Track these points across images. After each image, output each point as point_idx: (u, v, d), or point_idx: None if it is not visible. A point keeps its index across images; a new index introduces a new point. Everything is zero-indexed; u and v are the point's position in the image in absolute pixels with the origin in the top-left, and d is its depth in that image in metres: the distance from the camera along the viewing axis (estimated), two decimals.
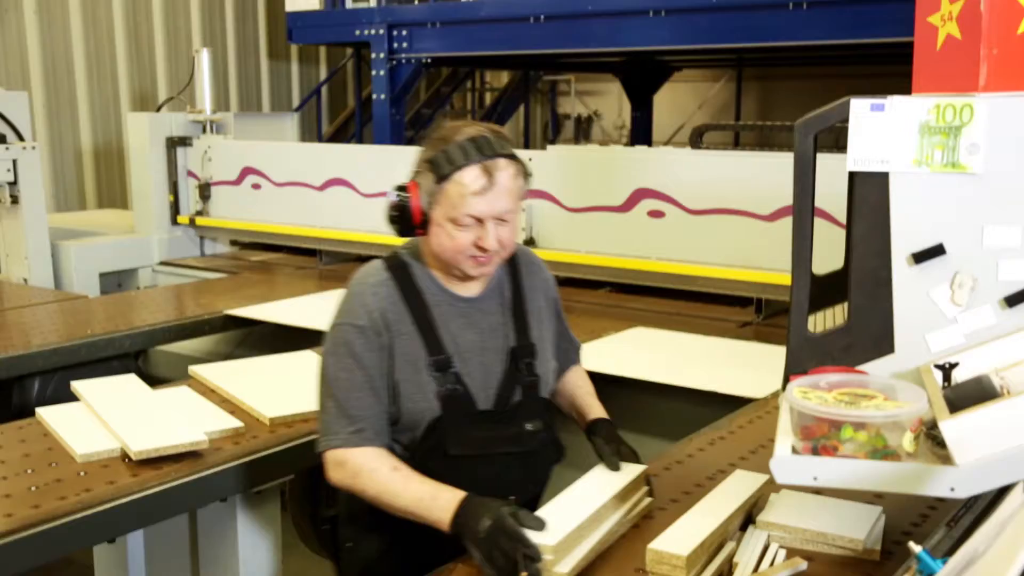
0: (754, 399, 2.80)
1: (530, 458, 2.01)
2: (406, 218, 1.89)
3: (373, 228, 4.81)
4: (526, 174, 1.90)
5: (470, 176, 1.81)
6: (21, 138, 5.17)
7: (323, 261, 5.36)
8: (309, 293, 4.50)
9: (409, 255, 1.99)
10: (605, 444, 2.01)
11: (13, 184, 5.03)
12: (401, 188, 1.90)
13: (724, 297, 4.05)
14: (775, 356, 3.20)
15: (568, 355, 2.24)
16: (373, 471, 1.83)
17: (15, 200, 5.06)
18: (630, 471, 1.95)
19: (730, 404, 2.79)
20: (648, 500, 1.95)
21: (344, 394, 1.87)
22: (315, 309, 3.98)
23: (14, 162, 5.00)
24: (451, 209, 1.83)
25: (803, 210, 1.79)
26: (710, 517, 1.76)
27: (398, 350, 1.89)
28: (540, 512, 1.73)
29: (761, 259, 3.82)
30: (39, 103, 7.72)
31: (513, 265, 2.06)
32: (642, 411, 3.22)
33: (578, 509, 1.76)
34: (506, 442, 1.95)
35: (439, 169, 1.83)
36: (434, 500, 1.76)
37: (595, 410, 2.15)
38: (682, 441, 2.46)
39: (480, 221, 1.83)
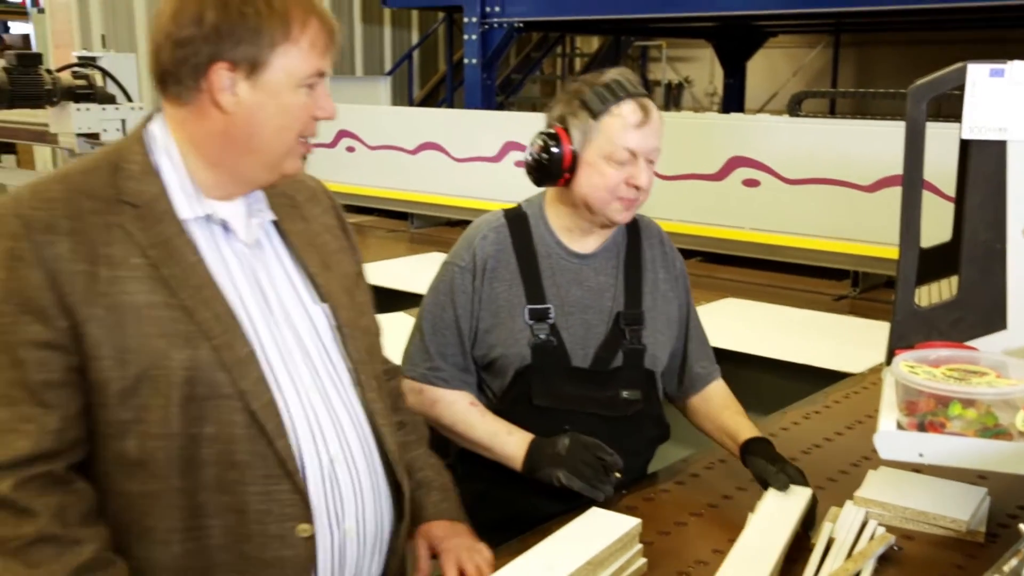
0: (850, 374, 2.74)
1: (623, 427, 1.92)
2: (555, 162, 1.83)
3: (465, 192, 4.84)
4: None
5: (628, 108, 1.80)
6: (129, 99, 5.33)
7: (414, 225, 5.42)
8: (400, 256, 4.57)
9: (530, 208, 1.97)
10: (768, 464, 1.78)
11: None
12: (547, 134, 1.85)
13: (818, 269, 3.97)
14: (872, 331, 3.17)
15: (705, 365, 2.08)
16: (452, 403, 1.90)
17: None
18: (801, 495, 1.71)
19: (825, 378, 2.74)
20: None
21: (431, 330, 1.92)
22: (406, 272, 4.04)
23: (123, 121, 5.17)
24: (607, 144, 1.80)
25: (913, 179, 1.74)
26: (768, 550, 1.54)
27: (496, 293, 1.89)
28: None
29: (859, 231, 3.73)
30: (146, 66, 7.93)
31: (634, 230, 2.00)
32: (733, 383, 3.13)
33: (767, 549, 1.55)
34: (596, 404, 1.90)
35: (595, 105, 1.81)
36: (509, 435, 1.84)
37: (746, 429, 1.93)
38: (775, 414, 2.42)
39: (634, 157, 1.81)
